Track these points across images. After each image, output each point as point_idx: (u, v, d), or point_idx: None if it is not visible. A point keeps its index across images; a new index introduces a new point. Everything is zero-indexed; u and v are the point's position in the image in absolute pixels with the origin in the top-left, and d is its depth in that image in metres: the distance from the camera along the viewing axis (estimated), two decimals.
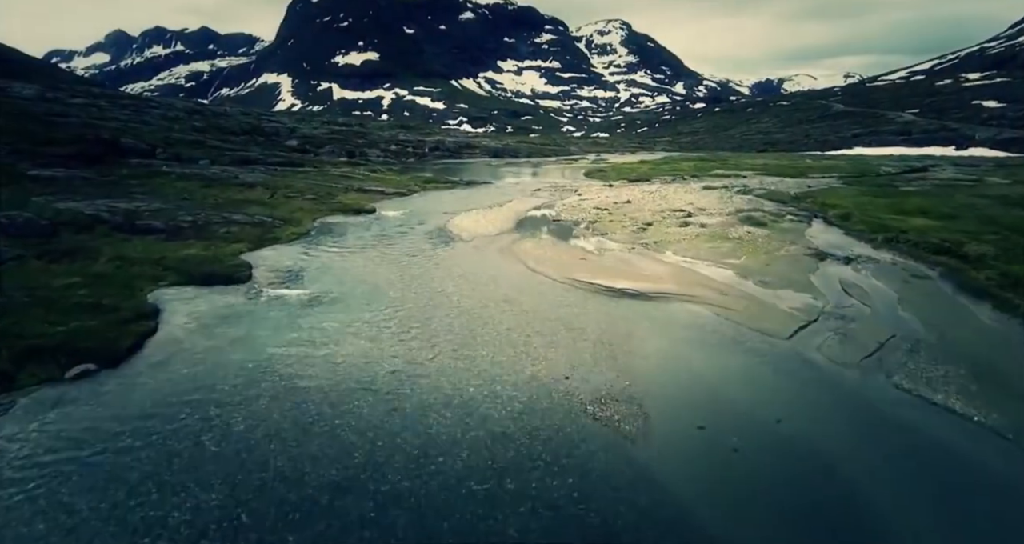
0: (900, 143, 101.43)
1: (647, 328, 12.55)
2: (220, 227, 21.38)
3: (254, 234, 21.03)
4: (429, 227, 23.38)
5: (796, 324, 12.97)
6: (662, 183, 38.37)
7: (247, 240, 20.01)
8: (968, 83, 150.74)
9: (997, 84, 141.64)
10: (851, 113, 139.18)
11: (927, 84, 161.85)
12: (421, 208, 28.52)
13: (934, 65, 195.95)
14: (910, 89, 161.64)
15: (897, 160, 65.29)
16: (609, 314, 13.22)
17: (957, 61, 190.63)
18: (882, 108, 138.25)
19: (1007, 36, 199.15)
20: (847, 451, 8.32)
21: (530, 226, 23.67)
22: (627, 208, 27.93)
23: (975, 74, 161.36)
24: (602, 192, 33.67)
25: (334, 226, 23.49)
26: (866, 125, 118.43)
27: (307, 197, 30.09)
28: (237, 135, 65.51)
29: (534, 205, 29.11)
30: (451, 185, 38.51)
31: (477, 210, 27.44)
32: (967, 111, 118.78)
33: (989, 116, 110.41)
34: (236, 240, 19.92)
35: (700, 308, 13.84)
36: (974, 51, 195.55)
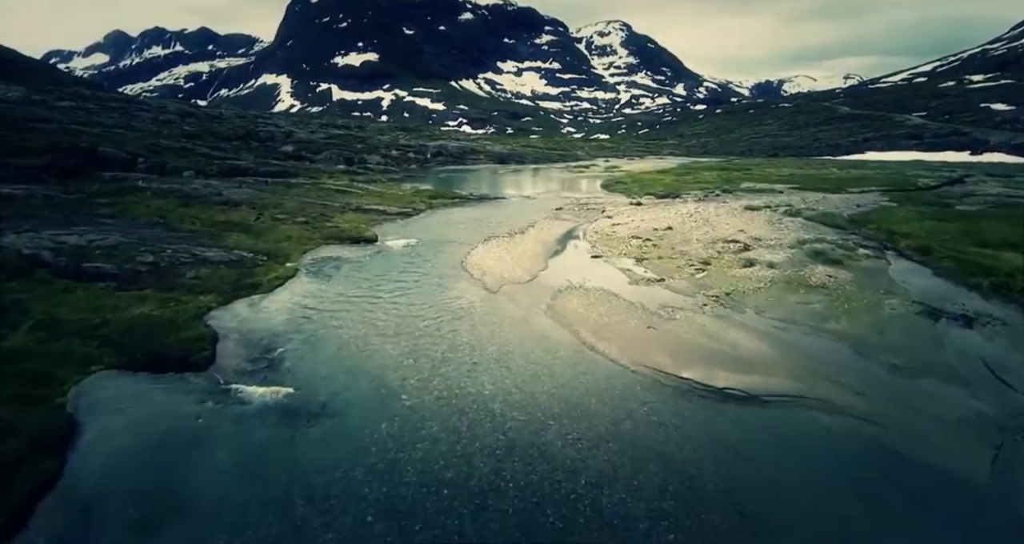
0: (913, 147, 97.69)
1: (796, 479, 8.33)
2: (188, 269, 17.11)
3: (229, 278, 16.77)
4: (443, 266, 19.11)
5: (983, 451, 8.85)
6: (695, 200, 34.12)
7: (219, 290, 15.74)
8: (973, 85, 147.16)
9: (1004, 86, 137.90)
10: (857, 116, 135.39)
11: (930, 86, 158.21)
12: (430, 235, 24.25)
13: (936, 67, 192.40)
14: (914, 91, 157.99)
15: (922, 168, 61.27)
16: (725, 445, 8.96)
17: (959, 63, 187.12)
18: (887, 110, 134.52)
19: (1009, 37, 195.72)
20: None
21: (566, 267, 19.37)
22: (671, 237, 23.70)
23: (979, 76, 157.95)
24: (634, 213, 29.41)
25: (328, 264, 19.20)
26: (875, 129, 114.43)
27: (298, 220, 25.82)
28: (230, 140, 61.23)
29: (561, 232, 24.83)
30: (460, 201, 34.26)
31: (496, 239, 23.17)
32: (976, 114, 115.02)
33: (1002, 120, 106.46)
34: (204, 290, 15.65)
35: (841, 423, 9.63)
36: (976, 53, 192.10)
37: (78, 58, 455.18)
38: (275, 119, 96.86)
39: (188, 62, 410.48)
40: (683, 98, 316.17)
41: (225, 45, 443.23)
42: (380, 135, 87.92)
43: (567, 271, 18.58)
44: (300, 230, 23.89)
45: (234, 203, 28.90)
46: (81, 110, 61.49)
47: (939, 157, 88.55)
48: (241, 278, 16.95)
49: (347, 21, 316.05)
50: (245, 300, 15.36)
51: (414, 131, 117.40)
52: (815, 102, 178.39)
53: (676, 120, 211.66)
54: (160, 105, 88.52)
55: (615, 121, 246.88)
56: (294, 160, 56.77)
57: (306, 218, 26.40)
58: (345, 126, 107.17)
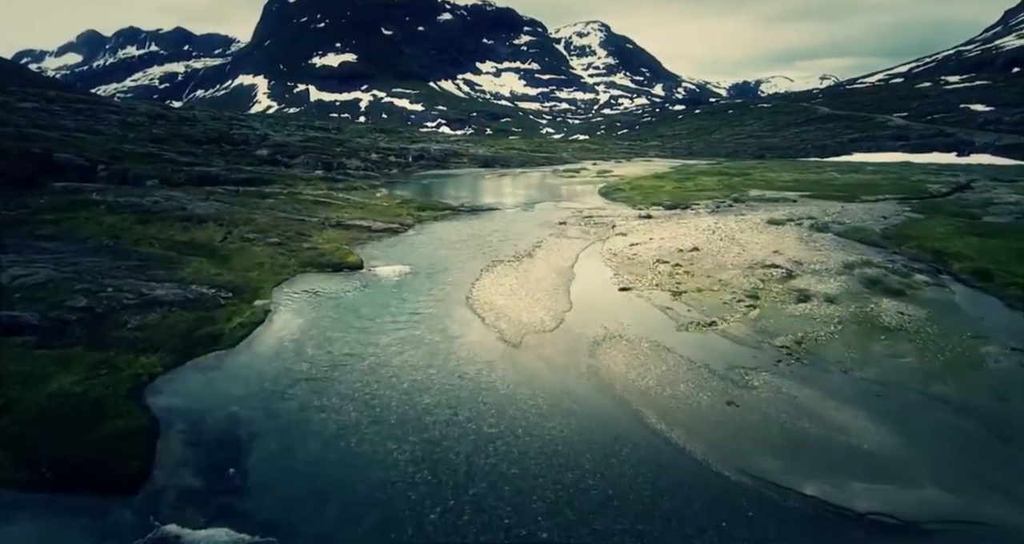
0: (899, 149, 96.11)
1: None
2: (131, 315, 13.65)
3: (182, 327, 13.36)
4: (445, 304, 15.84)
5: None
6: (708, 212, 31.14)
7: (167, 345, 12.33)
8: (950, 86, 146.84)
9: (981, 87, 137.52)
10: (838, 116, 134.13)
11: (908, 87, 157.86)
12: (423, 258, 20.92)
13: (912, 68, 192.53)
14: (892, 92, 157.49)
15: (920, 171, 59.27)
16: None
17: (935, 64, 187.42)
18: (868, 111, 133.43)
19: (983, 40, 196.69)
20: None
21: (593, 304, 16.18)
22: (701, 261, 20.64)
23: (954, 77, 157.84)
24: (648, 229, 26.28)
25: (305, 303, 15.83)
26: (860, 130, 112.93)
27: (270, 240, 22.33)
28: (201, 144, 57.28)
29: (573, 254, 21.63)
30: (452, 213, 30.97)
31: (501, 264, 19.93)
32: (958, 115, 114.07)
33: (984, 121, 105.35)
34: (149, 346, 12.24)
35: None
36: (951, 54, 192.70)
37: (50, 58, 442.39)
38: (250, 121, 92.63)
39: (163, 62, 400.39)
40: (662, 98, 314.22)
41: (201, 45, 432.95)
42: (359, 138, 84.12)
43: (596, 311, 15.40)
44: (273, 254, 20.44)
45: (199, 219, 25.33)
46: (44, 112, 57.16)
47: (926, 159, 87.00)
48: (198, 326, 13.53)
49: (325, 21, 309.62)
50: (200, 361, 12.00)
51: (393, 133, 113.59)
52: (794, 102, 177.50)
53: (655, 120, 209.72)
54: (130, 106, 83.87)
55: (594, 122, 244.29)
56: (269, 165, 52.99)
57: (280, 237, 22.93)
58: (323, 128, 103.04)
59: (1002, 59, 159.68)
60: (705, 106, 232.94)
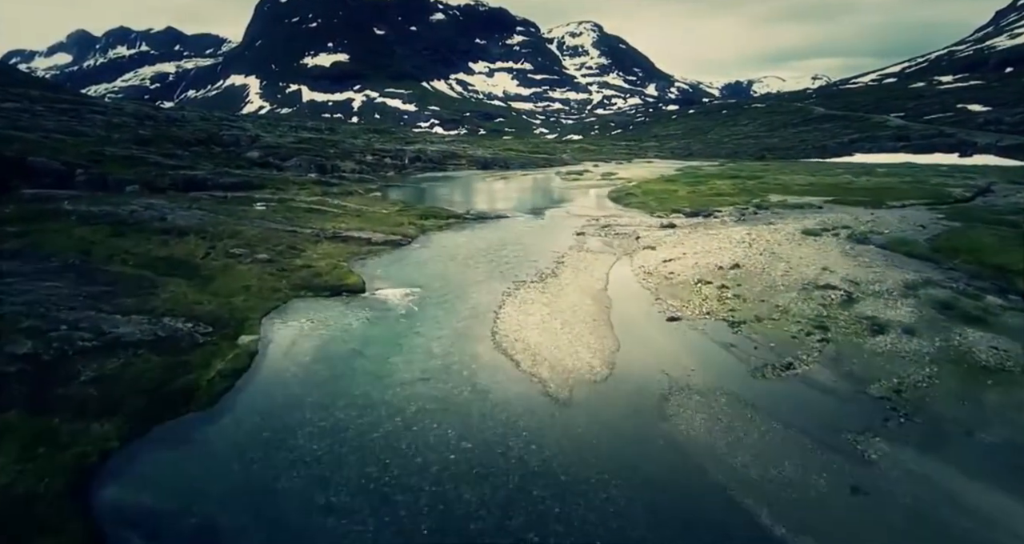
0: (901, 150, 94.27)
1: None
2: (88, 362, 11.06)
3: (149, 378, 10.78)
4: (468, 341, 13.27)
5: None
6: (736, 221, 28.69)
7: (127, 407, 9.75)
8: (944, 86, 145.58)
9: (977, 87, 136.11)
10: (835, 117, 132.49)
11: (901, 87, 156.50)
12: (433, 278, 18.35)
13: (905, 68, 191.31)
14: (887, 92, 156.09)
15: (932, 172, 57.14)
16: None
17: (927, 64, 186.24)
18: (865, 111, 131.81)
19: (974, 40, 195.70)
20: None
21: (643, 340, 13.68)
22: (747, 280, 18.21)
23: (947, 77, 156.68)
24: (677, 241, 23.80)
25: (299, 340, 13.23)
26: (858, 130, 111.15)
27: (260, 256, 19.72)
28: (189, 146, 54.40)
29: (603, 272, 19.13)
30: (458, 221, 28.41)
31: (524, 286, 17.40)
32: (956, 115, 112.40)
33: (985, 121, 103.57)
34: (104, 408, 9.65)
35: None
36: (943, 54, 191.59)
37: (40, 58, 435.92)
38: (240, 122, 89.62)
39: (154, 63, 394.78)
40: (655, 98, 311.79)
41: (192, 45, 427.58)
42: (353, 139, 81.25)
43: (649, 350, 12.91)
44: (261, 274, 17.82)
45: (180, 231, 22.66)
46: (26, 113, 54.19)
47: (929, 159, 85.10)
48: (168, 377, 10.94)
49: (317, 21, 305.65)
50: (169, 428, 9.43)
51: (387, 133, 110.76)
52: (788, 102, 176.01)
53: (649, 121, 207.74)
54: (116, 106, 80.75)
55: (587, 122, 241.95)
56: (260, 168, 50.26)
57: (270, 253, 20.32)
58: (316, 129, 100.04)
59: (995, 59, 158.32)
60: (699, 106, 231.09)
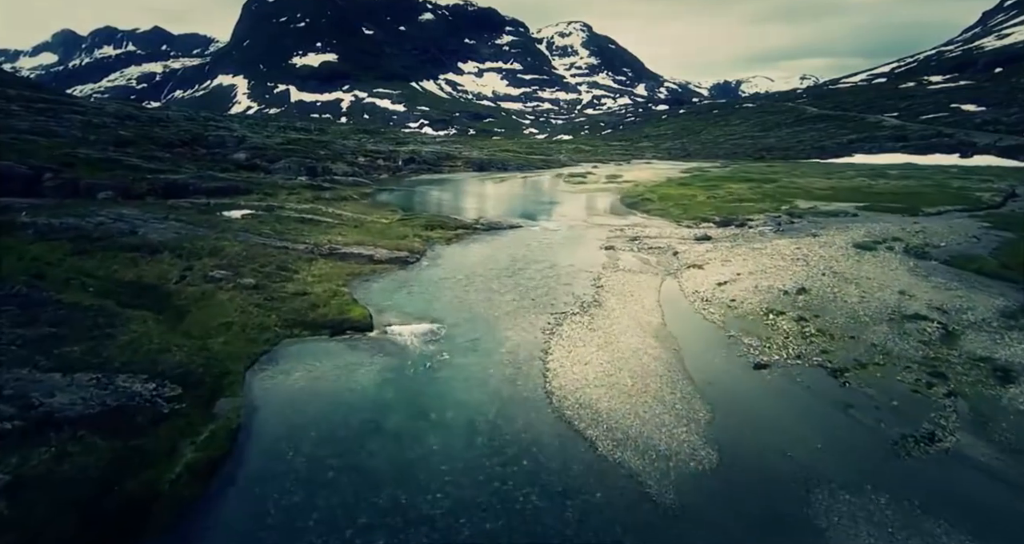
0: (900, 150, 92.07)
1: None
2: (2, 456, 7.83)
3: (88, 480, 7.53)
4: (516, 408, 10.05)
5: None
6: (774, 232, 25.65)
7: (45, 539, 6.57)
8: (935, 86, 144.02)
9: (968, 87, 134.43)
10: (829, 117, 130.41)
11: (892, 87, 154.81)
12: (454, 310, 15.07)
13: (894, 68, 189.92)
14: (877, 91, 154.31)
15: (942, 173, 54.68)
16: None
17: (916, 64, 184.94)
18: (857, 111, 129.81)
19: (963, 40, 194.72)
20: None
21: (737, 400, 10.59)
22: (822, 308, 15.25)
23: (937, 77, 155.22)
24: (722, 257, 20.67)
25: (293, 405, 9.97)
26: (854, 130, 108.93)
27: (244, 280, 16.41)
28: (172, 147, 50.75)
29: (652, 299, 15.96)
30: (467, 232, 25.17)
31: (565, 319, 14.22)
32: (952, 115, 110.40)
33: (982, 121, 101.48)
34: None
35: None
36: (932, 55, 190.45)
37: (24, 57, 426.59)
38: (227, 122, 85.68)
39: (141, 62, 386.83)
40: (644, 98, 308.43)
41: (179, 45, 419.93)
42: (343, 139, 77.55)
43: (751, 415, 9.86)
44: (246, 305, 14.52)
45: (152, 248, 19.27)
46: None
47: (929, 160, 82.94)
48: (114, 477, 7.69)
49: (305, 21, 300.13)
50: None
51: (378, 134, 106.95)
52: (779, 102, 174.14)
53: (640, 121, 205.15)
54: (97, 106, 76.72)
55: (577, 122, 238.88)
56: (247, 171, 46.69)
57: (257, 275, 17.02)
58: (305, 129, 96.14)
59: (984, 59, 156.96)
60: (689, 106, 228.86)
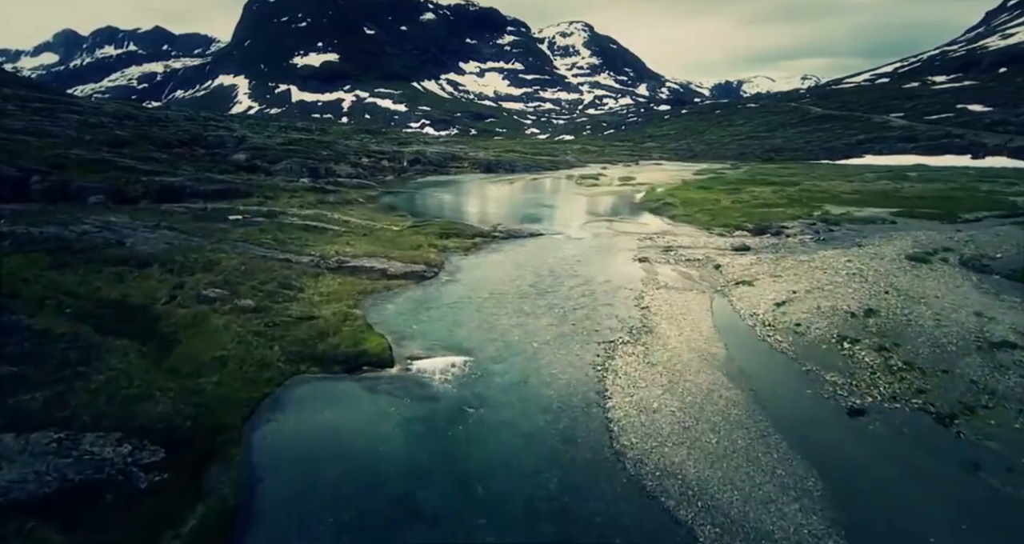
0: (910, 151, 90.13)
1: None
2: None
3: None
4: (579, 472, 8.04)
5: None
6: (814, 241, 23.59)
7: None
8: (939, 86, 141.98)
9: (973, 88, 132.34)
10: (834, 117, 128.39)
11: (895, 87, 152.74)
12: (485, 338, 12.98)
13: (897, 68, 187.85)
14: (881, 91, 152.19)
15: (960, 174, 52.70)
16: None
17: (920, 64, 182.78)
18: (863, 111, 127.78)
19: (966, 40, 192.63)
20: None
21: (846, 463, 8.59)
22: (898, 335, 13.27)
23: (941, 77, 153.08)
24: (769, 271, 18.62)
25: (304, 475, 7.91)
26: (862, 130, 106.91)
27: (242, 302, 14.33)
28: (170, 148, 48.63)
29: (705, 321, 13.93)
30: (485, 241, 23.09)
31: (615, 349, 12.17)
32: (960, 115, 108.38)
33: (992, 122, 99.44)
34: None
35: None
36: (935, 55, 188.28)
37: (26, 57, 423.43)
38: (227, 122, 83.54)
39: (142, 62, 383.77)
40: (646, 98, 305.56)
41: (180, 45, 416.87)
42: (346, 140, 75.34)
43: (869, 486, 7.87)
44: (245, 332, 12.46)
45: (141, 261, 17.18)
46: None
47: (940, 161, 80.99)
48: None
49: (306, 20, 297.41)
50: None
51: (380, 134, 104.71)
52: (782, 102, 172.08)
53: (642, 121, 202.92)
54: (95, 105, 74.63)
55: (579, 122, 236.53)
56: (246, 172, 44.55)
57: (257, 295, 14.95)
58: (306, 129, 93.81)
59: (988, 59, 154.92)
60: (691, 106, 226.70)
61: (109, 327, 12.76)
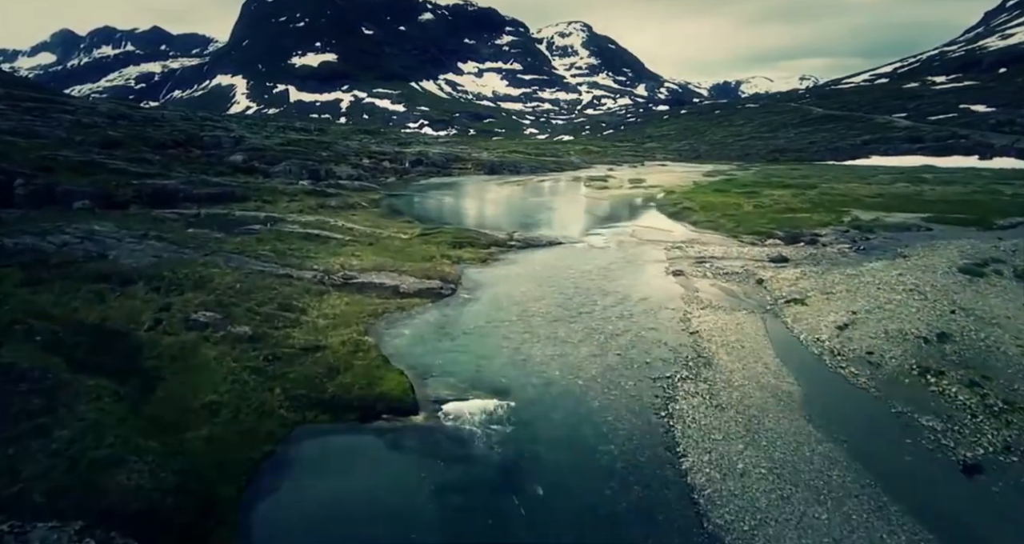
0: (917, 152, 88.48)
1: None
2: None
3: None
4: None
5: None
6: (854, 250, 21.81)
7: None
8: (939, 86, 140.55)
9: (974, 88, 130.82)
10: (836, 117, 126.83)
11: (896, 87, 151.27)
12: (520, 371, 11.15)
13: (896, 68, 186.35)
14: (882, 91, 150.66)
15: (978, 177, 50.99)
16: None
17: (919, 64, 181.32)
18: (864, 111, 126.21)
19: (965, 40, 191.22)
20: None
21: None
22: (986, 365, 11.64)
23: (941, 77, 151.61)
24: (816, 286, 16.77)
25: None
26: (866, 131, 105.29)
27: (237, 326, 12.47)
28: (165, 149, 46.66)
29: (765, 347, 12.12)
30: (501, 250, 21.25)
31: (674, 387, 10.35)
32: (963, 116, 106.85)
33: (997, 122, 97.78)
34: None
35: None
36: (934, 55, 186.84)
37: (23, 57, 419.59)
38: (225, 122, 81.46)
39: (139, 62, 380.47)
40: (644, 98, 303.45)
41: (178, 45, 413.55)
42: (345, 140, 73.28)
43: None
44: (240, 369, 10.59)
45: (124, 277, 15.29)
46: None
47: (948, 162, 79.37)
48: None
49: (304, 20, 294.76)
50: None
51: (379, 134, 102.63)
52: (782, 103, 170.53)
53: (641, 121, 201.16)
54: (90, 105, 72.51)
55: (578, 122, 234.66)
56: (244, 174, 42.61)
57: (254, 319, 13.10)
58: (304, 130, 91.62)
59: (988, 60, 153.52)
60: (690, 106, 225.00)
61: (83, 360, 10.92)
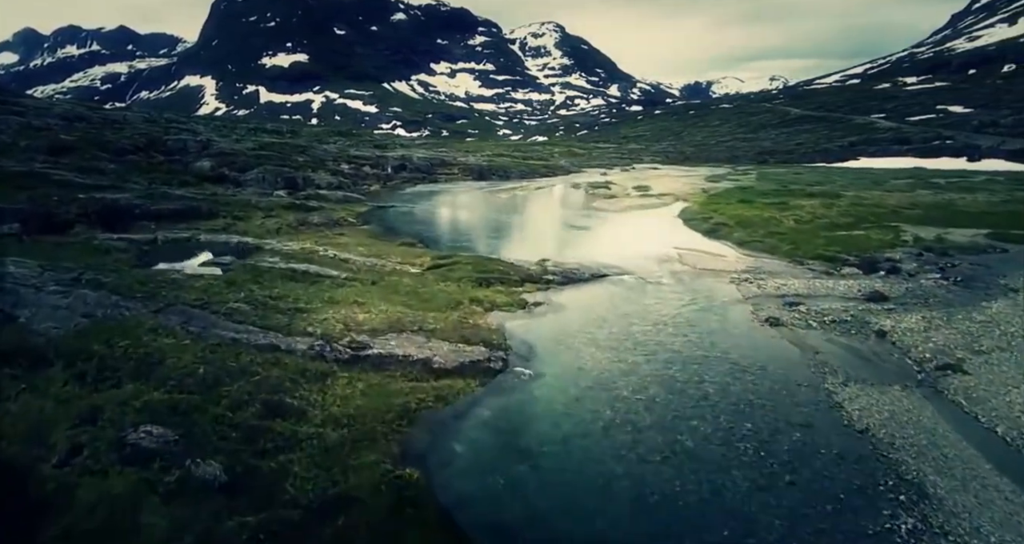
0: (905, 153, 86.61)
1: None
2: None
3: None
4: None
5: None
6: (960, 286, 17.77)
7: None
8: (911, 87, 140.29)
9: (946, 89, 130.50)
10: (814, 118, 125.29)
11: (867, 87, 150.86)
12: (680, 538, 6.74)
13: (867, 69, 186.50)
14: (855, 92, 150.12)
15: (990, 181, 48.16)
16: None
17: (889, 66, 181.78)
18: (843, 112, 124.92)
19: (933, 42, 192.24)
20: None
21: None
22: None
23: (911, 78, 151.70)
24: (972, 344, 12.63)
25: None
26: (847, 132, 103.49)
27: (202, 455, 7.79)
28: (123, 154, 41.05)
29: (988, 475, 7.80)
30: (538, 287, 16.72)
31: None
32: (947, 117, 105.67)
33: (980, 124, 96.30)
34: None
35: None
36: (904, 56, 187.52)
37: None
38: (191, 124, 75.24)
39: (105, 62, 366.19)
40: (617, 99, 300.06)
41: (146, 45, 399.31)
42: (321, 143, 67.70)
43: None
44: None
45: (36, 355, 10.31)
46: None
47: (937, 164, 77.41)
48: None
49: (275, 20, 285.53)
50: None
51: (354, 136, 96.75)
52: (756, 103, 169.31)
53: (615, 121, 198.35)
54: (43, 106, 65.90)
55: (551, 122, 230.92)
56: (212, 183, 37.32)
57: (225, 438, 8.40)
58: (277, 132, 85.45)
59: (957, 61, 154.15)
60: (663, 106, 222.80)
61: None
